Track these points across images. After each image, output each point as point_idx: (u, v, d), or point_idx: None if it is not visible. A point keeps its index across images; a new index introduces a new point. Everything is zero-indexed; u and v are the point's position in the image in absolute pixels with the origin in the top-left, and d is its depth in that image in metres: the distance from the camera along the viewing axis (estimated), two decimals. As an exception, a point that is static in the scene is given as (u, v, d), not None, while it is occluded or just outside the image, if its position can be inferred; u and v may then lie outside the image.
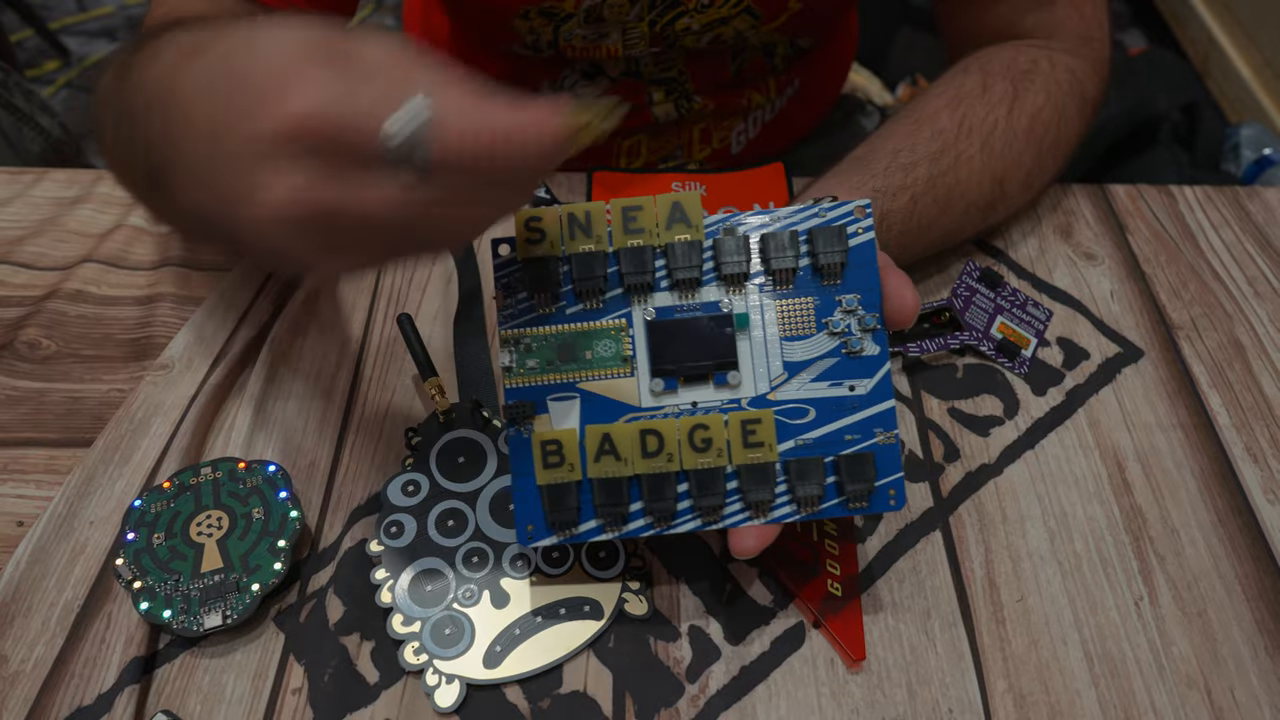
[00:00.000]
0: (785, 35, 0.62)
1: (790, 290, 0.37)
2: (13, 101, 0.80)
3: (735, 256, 0.36)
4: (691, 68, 0.63)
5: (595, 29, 0.58)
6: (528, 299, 0.36)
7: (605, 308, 0.36)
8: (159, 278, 0.52)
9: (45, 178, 0.58)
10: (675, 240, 0.36)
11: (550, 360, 0.36)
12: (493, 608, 0.39)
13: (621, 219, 0.36)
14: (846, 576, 0.40)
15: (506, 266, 0.36)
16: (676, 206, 0.36)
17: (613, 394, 0.36)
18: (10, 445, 0.45)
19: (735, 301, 0.36)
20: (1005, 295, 0.52)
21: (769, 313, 0.36)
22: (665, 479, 0.35)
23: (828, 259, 0.36)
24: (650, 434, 0.35)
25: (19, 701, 0.37)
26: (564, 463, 0.35)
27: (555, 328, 0.36)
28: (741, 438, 0.35)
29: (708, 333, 0.36)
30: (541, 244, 0.36)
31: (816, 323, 0.36)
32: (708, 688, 0.38)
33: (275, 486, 0.42)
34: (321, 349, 0.49)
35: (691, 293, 0.36)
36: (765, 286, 0.37)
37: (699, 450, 0.35)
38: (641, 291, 0.36)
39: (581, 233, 0.36)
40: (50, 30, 1.74)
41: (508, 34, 0.60)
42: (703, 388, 0.36)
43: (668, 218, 0.36)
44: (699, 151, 0.69)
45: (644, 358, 0.36)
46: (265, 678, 0.38)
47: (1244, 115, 1.62)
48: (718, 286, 0.36)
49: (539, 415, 0.36)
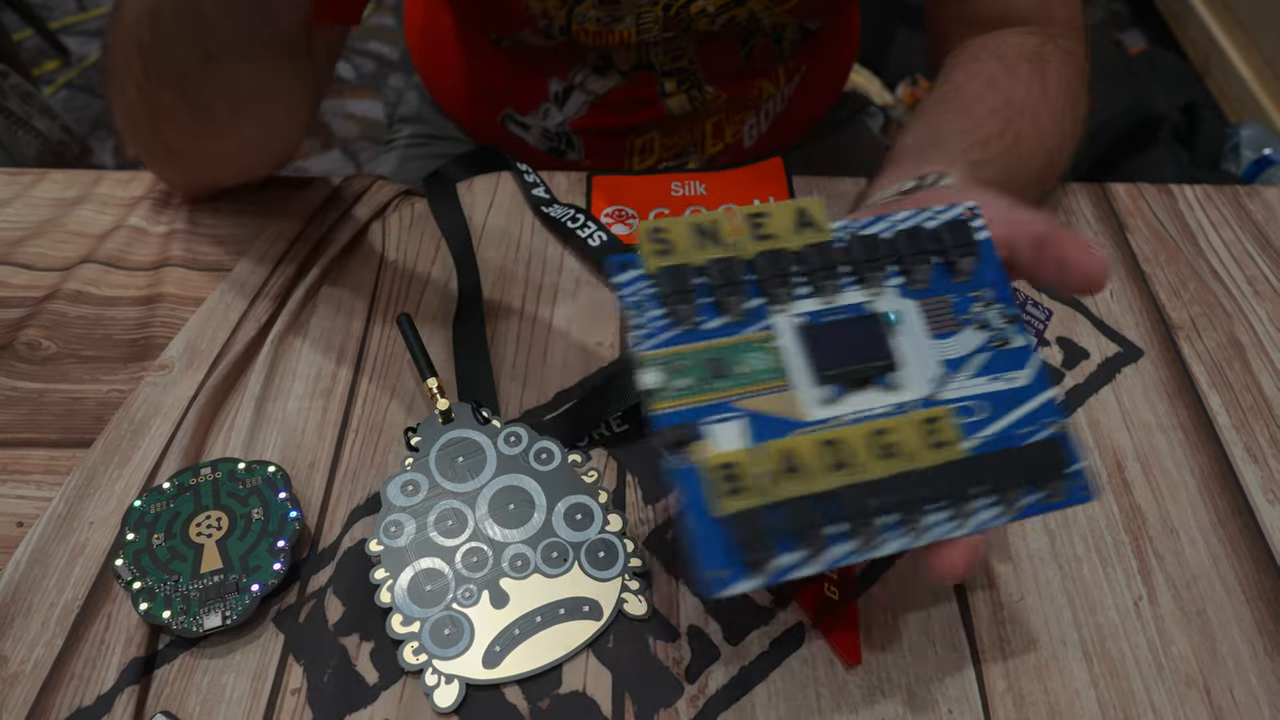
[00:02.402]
0: (795, 17, 0.63)
1: (927, 288, 0.35)
2: (6, 105, 0.80)
3: (871, 257, 0.35)
4: (702, 56, 0.63)
5: (609, 11, 0.58)
6: (664, 315, 0.33)
7: (746, 319, 0.34)
8: (159, 278, 0.52)
9: (45, 178, 0.58)
10: (807, 243, 0.34)
11: (702, 378, 0.33)
12: (492, 608, 0.39)
13: (748, 226, 0.34)
14: (844, 579, 0.40)
15: (632, 282, 0.33)
16: (801, 212, 0.35)
17: (774, 409, 0.33)
18: (10, 446, 0.45)
19: (878, 302, 0.35)
20: (1005, 295, 0.52)
21: (912, 313, 0.35)
22: (860, 490, 0.32)
23: (960, 255, 0.35)
24: (831, 445, 0.32)
25: (19, 702, 0.37)
26: (747, 487, 0.31)
27: (700, 344, 0.33)
28: (925, 438, 0.33)
29: (860, 335, 0.34)
30: (671, 254, 0.33)
31: (958, 319, 0.35)
32: (707, 688, 0.38)
33: (275, 487, 0.42)
34: (321, 349, 0.49)
35: (831, 297, 0.34)
36: (902, 287, 0.35)
37: (885, 456, 0.32)
38: (779, 299, 0.34)
39: (711, 241, 0.34)
40: (50, 30, 1.74)
41: (519, 20, 0.59)
42: (867, 393, 0.34)
43: (795, 222, 0.35)
44: (712, 146, 0.69)
45: (800, 366, 0.33)
46: (265, 678, 0.38)
47: (1244, 115, 1.62)
48: (856, 289, 0.35)
49: (698, 441, 0.32)
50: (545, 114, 0.67)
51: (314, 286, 0.51)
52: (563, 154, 0.69)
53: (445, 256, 0.54)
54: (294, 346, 0.49)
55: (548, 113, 0.67)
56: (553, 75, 0.64)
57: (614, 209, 0.55)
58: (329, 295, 0.52)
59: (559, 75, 0.64)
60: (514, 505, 0.42)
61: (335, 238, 0.54)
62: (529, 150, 0.69)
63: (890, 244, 0.35)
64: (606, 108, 0.65)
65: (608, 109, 0.65)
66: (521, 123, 0.68)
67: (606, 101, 0.65)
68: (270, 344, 0.48)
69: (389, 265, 0.53)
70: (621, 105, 0.65)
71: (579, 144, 0.68)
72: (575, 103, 0.65)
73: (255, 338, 0.49)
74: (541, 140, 0.69)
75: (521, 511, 0.42)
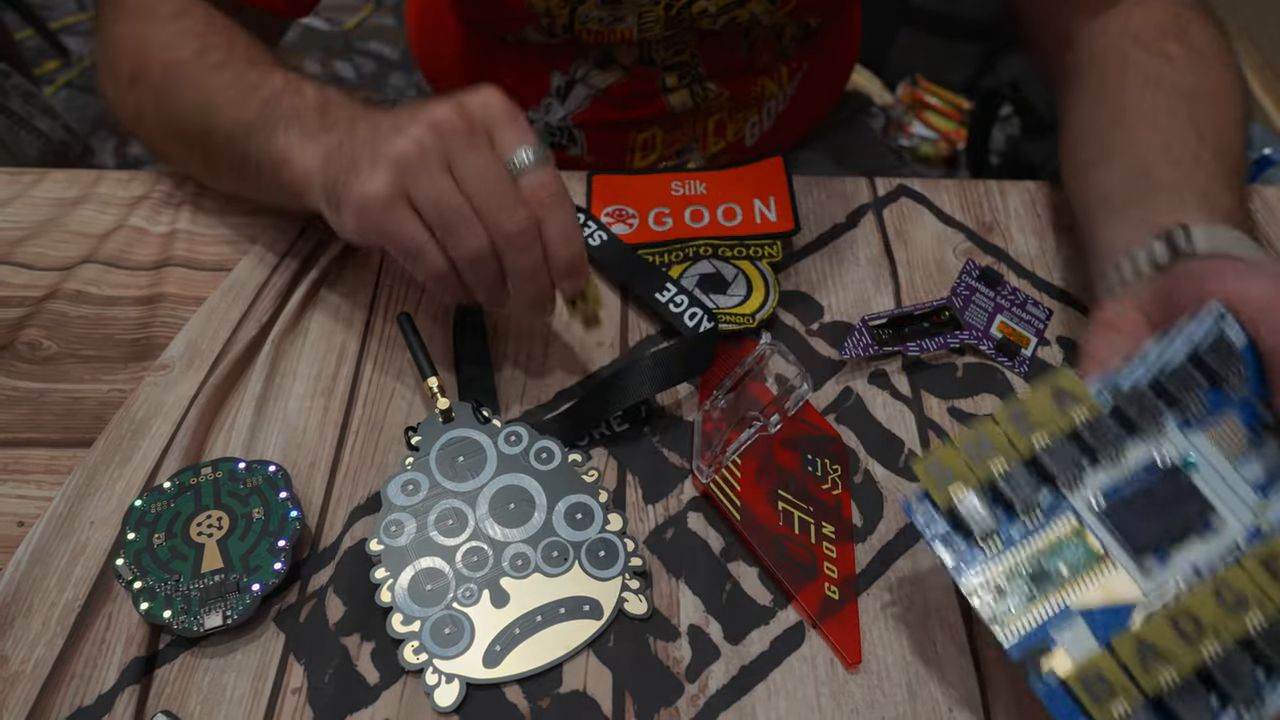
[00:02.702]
0: (796, 17, 0.63)
1: (1207, 415, 0.34)
2: (8, 105, 0.80)
3: (1142, 409, 0.34)
4: (704, 50, 0.63)
5: (611, 11, 0.58)
6: (969, 543, 0.34)
7: (1046, 516, 0.34)
8: (160, 278, 0.52)
9: (45, 178, 0.58)
10: (1079, 421, 0.34)
11: (1028, 592, 0.33)
12: (492, 607, 0.39)
13: (1013, 424, 0.34)
14: (844, 579, 0.40)
15: (930, 521, 0.34)
16: (1058, 391, 0.35)
17: (1107, 598, 0.33)
18: (11, 445, 0.45)
19: (1168, 451, 0.34)
20: (1005, 294, 0.52)
21: (1204, 446, 0.34)
22: (1231, 658, 0.31)
23: (1227, 371, 0.34)
24: (1180, 617, 0.31)
25: (19, 702, 0.37)
26: (1116, 691, 0.31)
27: (1014, 559, 0.33)
28: (1269, 576, 0.32)
29: (1164, 493, 0.33)
30: (955, 480, 0.34)
31: (1250, 434, 0.34)
32: (707, 687, 0.38)
33: (275, 486, 0.42)
34: (322, 349, 0.49)
35: (1118, 463, 0.34)
36: (1182, 424, 0.35)
37: (1237, 609, 0.31)
38: (1071, 485, 0.34)
39: (987, 454, 0.34)
40: (50, 30, 1.74)
41: (521, 17, 0.60)
42: (1189, 547, 0.33)
43: (1056, 403, 0.34)
44: (714, 144, 0.69)
45: (1116, 546, 0.33)
46: (265, 678, 0.38)
47: (1244, 115, 1.61)
48: (1139, 445, 0.34)
49: (1047, 652, 0.33)
50: (548, 109, 0.67)
51: (315, 286, 0.51)
52: (565, 149, 0.69)
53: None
54: (295, 346, 0.49)
55: (550, 108, 0.67)
56: (554, 69, 0.65)
57: (614, 208, 0.55)
58: (329, 295, 0.52)
59: (560, 70, 0.64)
60: (514, 505, 0.42)
61: (336, 238, 0.54)
62: None
63: (1156, 389, 0.35)
64: (609, 101, 0.65)
65: (610, 103, 0.65)
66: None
67: (609, 95, 0.65)
68: (271, 344, 0.48)
69: (390, 265, 0.53)
70: (623, 99, 0.65)
71: (581, 139, 0.68)
72: (577, 97, 0.65)
73: (256, 337, 0.49)
74: (544, 136, 0.69)
75: (522, 511, 0.42)
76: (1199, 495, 0.33)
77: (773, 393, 0.45)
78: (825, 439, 0.45)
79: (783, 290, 0.52)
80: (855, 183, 0.59)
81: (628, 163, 0.69)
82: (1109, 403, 0.35)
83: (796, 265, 0.54)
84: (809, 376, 0.44)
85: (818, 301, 0.52)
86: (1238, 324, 0.35)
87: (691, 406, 0.47)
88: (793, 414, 0.45)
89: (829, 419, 0.47)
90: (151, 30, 0.51)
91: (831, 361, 0.49)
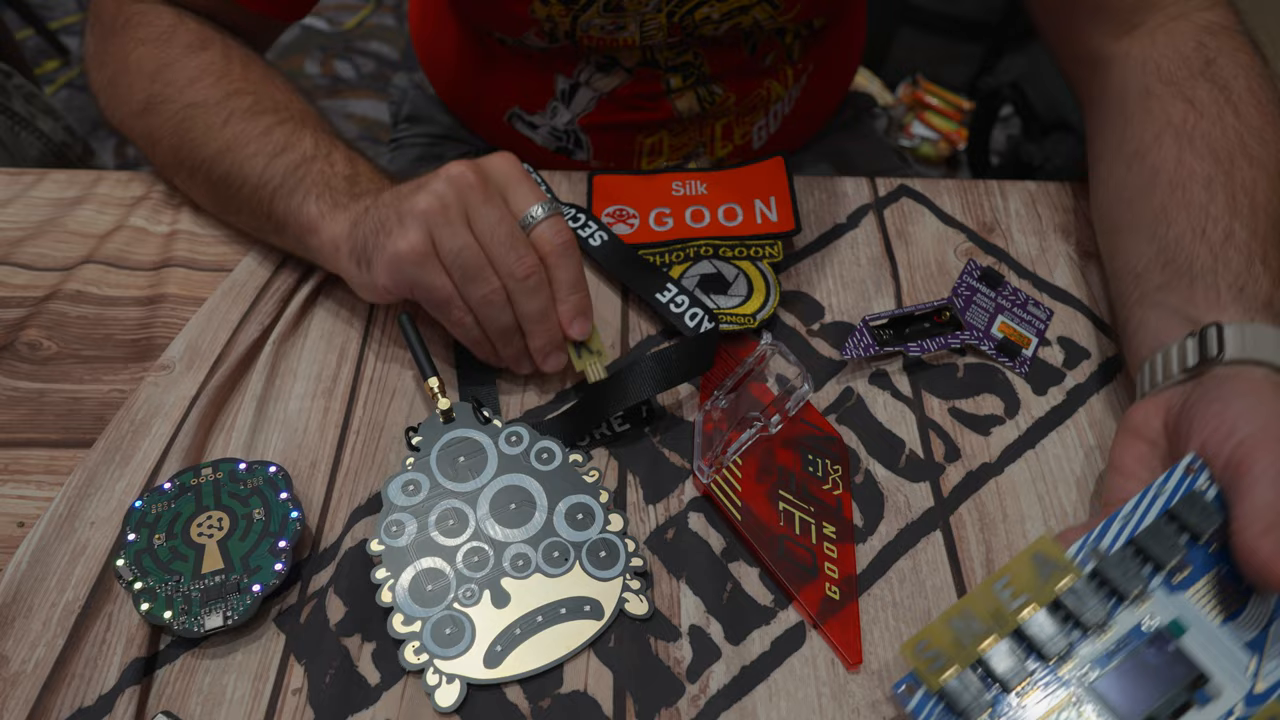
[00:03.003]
0: (799, 20, 0.63)
1: (1190, 574, 0.34)
2: (10, 106, 0.80)
3: (1125, 572, 0.34)
4: (707, 50, 0.63)
5: (613, 19, 0.58)
6: None
7: (1039, 691, 0.33)
8: (161, 278, 0.52)
9: (45, 178, 0.58)
10: (1064, 590, 0.34)
11: None
12: (493, 607, 0.39)
13: (996, 597, 0.34)
14: (845, 579, 0.40)
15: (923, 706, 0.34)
16: (1038, 558, 0.35)
17: None
18: (11, 446, 0.45)
19: (1154, 615, 0.34)
20: (1006, 294, 0.52)
21: (1190, 609, 0.34)
22: None
23: (1206, 527, 0.34)
24: None
25: (20, 702, 0.37)
26: None
27: None
28: None
29: (1155, 661, 0.33)
30: (945, 663, 0.34)
31: (1237, 591, 0.34)
32: (708, 687, 0.38)
33: (276, 487, 0.42)
34: (322, 349, 0.49)
35: (1106, 631, 0.34)
36: (1167, 584, 0.34)
37: None
38: (1060, 658, 0.34)
39: (972, 633, 0.34)
40: (50, 30, 1.74)
41: (524, 23, 0.60)
42: (1191, 716, 0.32)
43: (1037, 572, 0.34)
44: (721, 148, 0.69)
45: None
46: (266, 678, 0.38)
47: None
48: (1126, 610, 0.34)
49: None
50: (554, 112, 0.67)
51: (316, 287, 0.51)
52: (571, 153, 0.69)
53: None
54: (295, 346, 0.49)
55: (555, 111, 0.67)
56: (558, 73, 0.64)
57: (615, 208, 0.55)
58: (330, 295, 0.52)
59: (564, 73, 0.64)
60: (515, 505, 0.42)
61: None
62: (535, 149, 0.69)
63: (1135, 550, 0.35)
64: (614, 104, 0.65)
65: (615, 105, 0.65)
66: (529, 122, 0.68)
67: (614, 97, 0.65)
68: (271, 344, 0.48)
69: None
70: (629, 101, 0.65)
71: (588, 143, 0.68)
72: (582, 99, 0.65)
73: (257, 338, 0.49)
74: (550, 139, 0.69)
75: (523, 511, 0.42)
76: (1191, 663, 0.33)
77: (773, 393, 0.45)
78: (826, 439, 0.45)
79: (783, 290, 0.52)
80: (856, 183, 0.59)
81: (634, 168, 0.69)
82: (1089, 565, 0.35)
83: (797, 265, 0.54)
84: (809, 377, 0.44)
85: (818, 302, 0.52)
86: (1208, 477, 0.35)
87: (692, 407, 0.47)
88: (793, 414, 0.45)
89: (830, 419, 0.47)
90: (172, 61, 0.52)
91: (832, 362, 0.49)
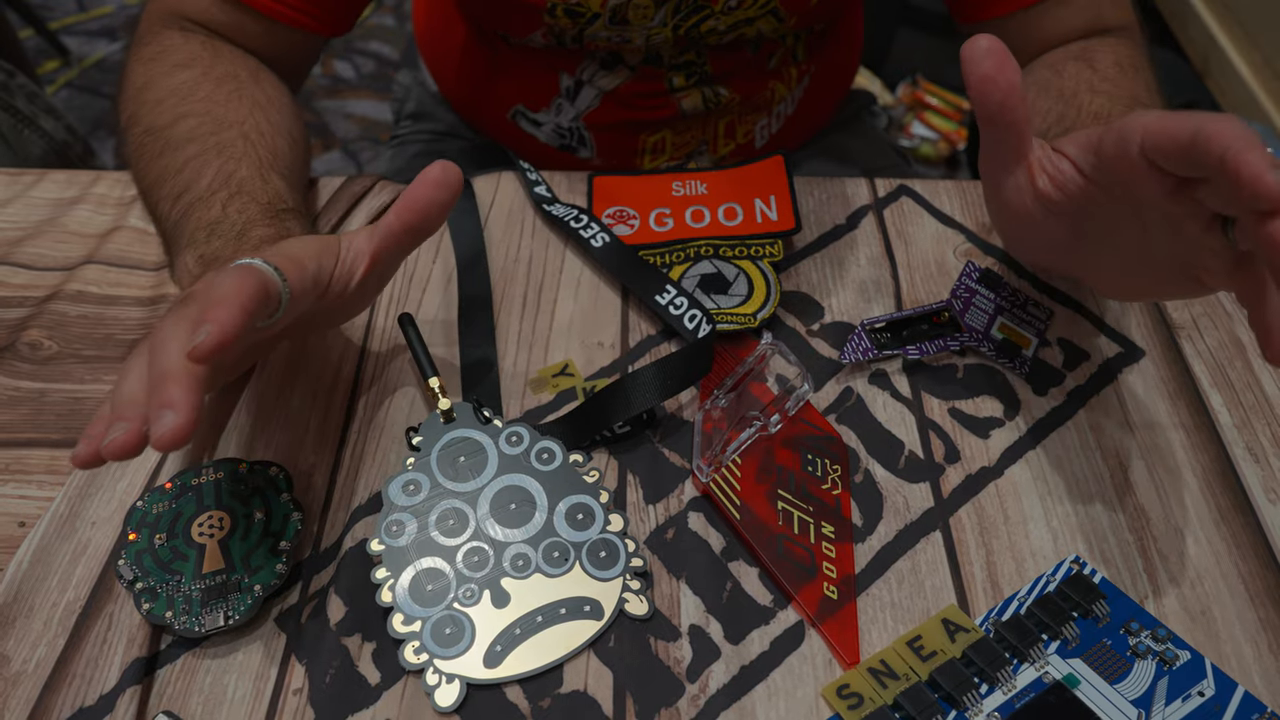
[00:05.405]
0: (801, 27, 0.63)
1: (1081, 643, 0.38)
2: (13, 104, 0.80)
3: (1022, 637, 0.38)
4: (710, 50, 0.64)
5: (619, 31, 0.59)
6: None
7: None
8: (161, 278, 0.52)
9: (45, 178, 0.58)
10: (965, 646, 0.38)
11: None
12: (493, 607, 0.39)
13: (911, 652, 0.38)
14: (843, 579, 0.40)
15: None
16: (946, 622, 0.39)
17: None
18: (12, 446, 0.45)
19: (1051, 673, 0.38)
20: (1005, 296, 0.52)
21: (1083, 669, 0.38)
22: None
23: (1090, 603, 0.39)
24: None
25: (21, 702, 0.37)
26: None
27: None
28: None
29: (1054, 707, 0.36)
30: (863, 705, 0.36)
31: (1123, 656, 0.38)
32: (708, 687, 0.38)
33: (276, 487, 0.42)
34: (323, 349, 0.49)
35: (1010, 684, 0.37)
36: (1061, 651, 0.38)
37: None
38: (969, 704, 0.37)
39: (890, 679, 0.37)
40: (50, 30, 1.75)
41: (530, 24, 0.60)
42: None
43: (945, 633, 0.38)
44: (723, 146, 0.69)
45: None
46: (267, 678, 0.38)
47: (1244, 115, 1.62)
48: (1026, 669, 0.38)
49: None
50: (558, 110, 0.67)
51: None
52: (574, 151, 0.69)
53: (448, 255, 0.54)
54: (295, 346, 0.49)
55: (560, 108, 0.67)
56: (561, 71, 0.65)
57: (615, 209, 0.55)
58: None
59: (568, 71, 0.65)
60: (515, 505, 0.42)
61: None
62: (538, 147, 0.69)
63: (1032, 619, 0.39)
64: (618, 101, 0.65)
65: (619, 103, 0.65)
66: (533, 119, 0.68)
67: (617, 95, 0.65)
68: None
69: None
70: (632, 99, 0.65)
71: (591, 141, 0.68)
72: (586, 97, 0.66)
73: (257, 338, 0.49)
74: (553, 137, 0.69)
75: (523, 511, 0.42)
76: (1085, 710, 0.36)
77: (773, 393, 0.45)
78: (825, 439, 0.45)
79: (784, 291, 0.52)
80: (855, 183, 0.59)
81: (637, 166, 0.69)
82: (991, 631, 0.39)
83: (797, 266, 0.54)
84: (809, 377, 0.44)
85: (818, 302, 0.52)
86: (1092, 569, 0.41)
87: (692, 407, 0.47)
88: (793, 414, 0.45)
89: (829, 419, 0.47)
90: (150, 81, 0.52)
91: (832, 362, 0.49)
